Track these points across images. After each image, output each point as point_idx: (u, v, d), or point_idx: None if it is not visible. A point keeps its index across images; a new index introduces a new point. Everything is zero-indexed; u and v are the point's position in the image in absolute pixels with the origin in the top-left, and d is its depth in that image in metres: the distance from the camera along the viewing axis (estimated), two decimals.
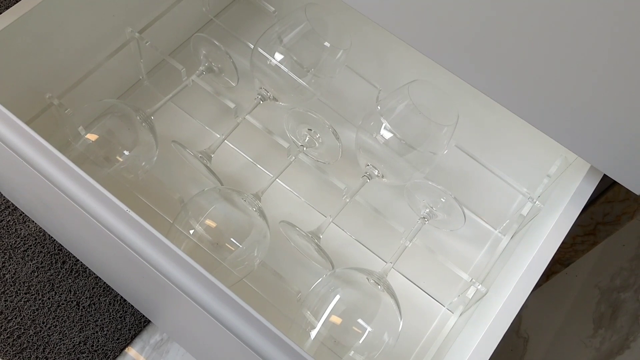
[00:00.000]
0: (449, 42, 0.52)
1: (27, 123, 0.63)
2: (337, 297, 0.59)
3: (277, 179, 0.68)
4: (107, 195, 0.48)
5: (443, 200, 0.65)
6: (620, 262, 0.93)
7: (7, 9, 0.94)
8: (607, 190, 0.66)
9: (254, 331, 0.47)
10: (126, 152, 0.65)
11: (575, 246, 0.77)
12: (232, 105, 0.67)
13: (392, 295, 0.60)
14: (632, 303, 0.90)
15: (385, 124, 0.64)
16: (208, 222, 0.60)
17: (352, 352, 0.58)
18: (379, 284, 0.60)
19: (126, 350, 0.76)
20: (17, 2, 0.61)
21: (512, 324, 0.88)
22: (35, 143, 0.49)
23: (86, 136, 0.64)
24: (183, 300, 0.49)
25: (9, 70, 0.61)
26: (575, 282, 0.92)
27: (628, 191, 0.66)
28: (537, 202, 0.64)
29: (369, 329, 0.58)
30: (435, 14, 0.51)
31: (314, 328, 0.57)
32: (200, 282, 0.48)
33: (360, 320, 0.58)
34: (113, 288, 0.77)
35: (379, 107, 0.67)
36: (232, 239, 0.61)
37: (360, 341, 0.58)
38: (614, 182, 0.64)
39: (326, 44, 0.71)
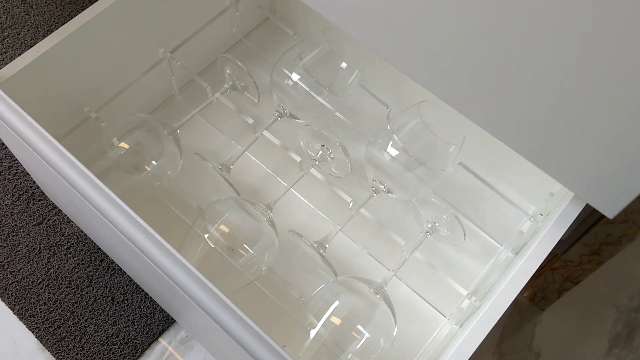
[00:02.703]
0: (442, 75, 0.55)
1: (67, 134, 0.71)
2: (338, 302, 0.63)
3: (292, 190, 0.73)
4: (123, 205, 0.53)
5: (445, 217, 0.69)
6: None
7: (50, 32, 1.03)
8: None
9: (252, 338, 0.51)
10: (153, 162, 0.71)
11: (582, 265, 0.78)
12: (250, 121, 0.72)
13: (389, 304, 0.63)
14: None
15: (394, 139, 0.68)
16: (222, 227, 0.65)
17: (350, 354, 0.62)
18: (377, 293, 0.64)
19: (159, 340, 0.82)
20: (61, 25, 0.68)
21: (524, 338, 0.90)
22: (65, 157, 0.55)
23: (119, 146, 0.70)
24: (189, 304, 0.54)
25: (53, 86, 0.68)
26: (592, 300, 0.92)
27: (627, 213, 0.67)
28: (532, 219, 0.66)
29: (366, 333, 0.62)
30: (433, 54, 0.54)
31: (314, 328, 0.61)
32: (205, 290, 0.52)
33: (358, 325, 0.62)
34: (141, 287, 0.83)
35: (389, 126, 0.70)
36: (244, 245, 0.66)
37: (358, 344, 0.62)
38: None
39: (343, 64, 0.76)
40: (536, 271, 0.54)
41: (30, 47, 0.93)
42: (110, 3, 0.66)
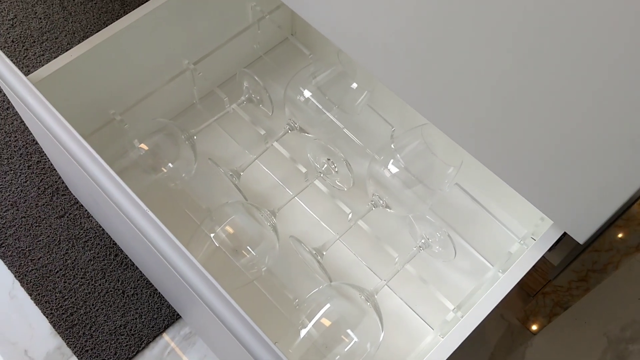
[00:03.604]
0: (434, 102, 0.60)
1: (92, 133, 0.77)
2: (330, 305, 0.67)
3: (296, 198, 0.78)
4: (138, 201, 0.58)
5: (439, 234, 0.72)
6: (633, 315, 0.96)
7: (86, 38, 1.09)
8: (595, 239, 0.70)
9: (246, 331, 0.55)
10: (170, 164, 0.76)
11: (571, 290, 0.81)
12: (263, 132, 0.77)
13: (378, 311, 0.67)
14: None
15: (396, 157, 0.72)
16: (228, 228, 0.70)
17: (337, 356, 0.65)
18: (368, 301, 0.68)
19: (163, 334, 0.86)
20: (93, 34, 0.74)
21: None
22: (89, 154, 0.60)
23: (139, 147, 0.76)
24: (194, 299, 0.58)
25: (83, 88, 0.73)
26: (585, 328, 0.95)
27: (611, 241, 0.70)
28: (522, 241, 0.70)
29: (354, 337, 0.66)
30: (426, 83, 0.59)
31: (305, 328, 0.65)
32: (206, 283, 0.56)
33: (347, 329, 0.66)
34: (151, 282, 0.88)
35: (392, 144, 0.75)
36: (247, 246, 0.70)
37: (345, 347, 0.66)
38: (601, 232, 0.69)
39: (353, 85, 0.80)
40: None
41: (66, 52, 1.00)
42: (142, 15, 0.72)
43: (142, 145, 0.75)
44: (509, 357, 0.94)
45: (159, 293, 0.87)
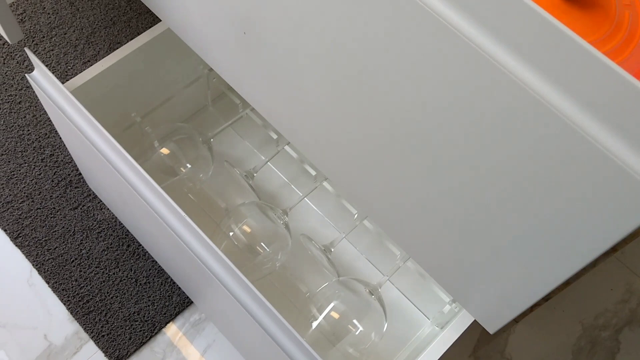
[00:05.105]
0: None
1: (117, 135, 0.82)
2: (338, 299, 0.74)
3: (305, 199, 0.84)
4: (169, 200, 0.64)
5: None
6: (606, 304, 1.05)
7: (94, 34, 1.13)
8: None
9: (268, 317, 0.61)
10: (188, 166, 0.82)
11: None
12: (275, 136, 0.83)
13: (382, 303, 0.74)
14: (611, 342, 1.02)
15: None
16: (244, 227, 0.76)
17: (345, 344, 0.73)
18: (372, 294, 0.75)
19: (170, 323, 0.92)
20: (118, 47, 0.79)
21: (498, 345, 1.01)
22: (118, 151, 0.66)
23: (159, 149, 0.81)
24: (218, 287, 0.64)
25: (109, 95, 0.78)
26: (562, 316, 1.03)
27: None
28: None
29: (360, 327, 0.73)
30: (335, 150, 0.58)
31: (316, 320, 0.72)
32: (232, 275, 0.63)
33: (353, 320, 0.73)
34: (165, 271, 0.93)
35: None
36: (261, 243, 0.77)
37: (352, 336, 0.73)
38: None
39: None
40: None
41: (74, 47, 1.04)
42: (165, 28, 0.77)
43: (163, 149, 0.81)
44: (493, 342, 1.02)
45: (170, 282, 0.93)
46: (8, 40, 0.60)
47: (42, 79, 0.68)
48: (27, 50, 0.63)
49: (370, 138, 0.50)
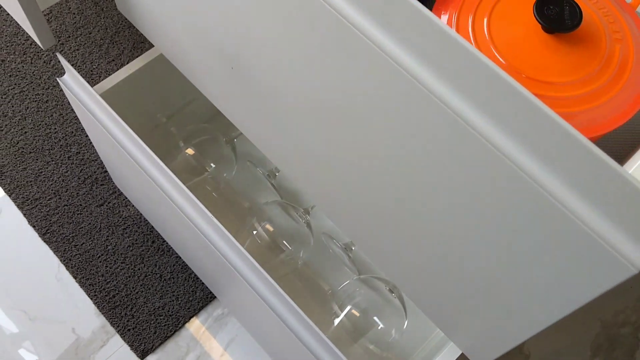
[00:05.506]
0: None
1: (143, 135, 0.84)
2: (359, 296, 0.76)
3: None
4: (196, 201, 0.66)
5: None
6: (626, 301, 1.05)
7: (117, 34, 1.15)
8: None
9: (290, 314, 0.63)
10: (212, 165, 0.84)
11: None
12: None
13: (402, 301, 0.76)
14: (631, 339, 1.02)
15: None
16: (267, 226, 0.78)
17: (366, 341, 0.74)
18: (392, 292, 0.76)
19: (194, 318, 0.94)
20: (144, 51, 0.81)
21: None
22: (146, 153, 0.68)
23: (184, 150, 0.83)
24: (242, 285, 0.66)
25: (135, 97, 0.80)
26: (581, 313, 1.04)
27: None
28: None
29: (380, 324, 0.74)
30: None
31: (338, 317, 0.74)
32: (255, 272, 0.64)
33: (374, 317, 0.75)
34: (189, 266, 0.95)
35: None
36: (284, 242, 0.78)
37: (373, 333, 0.74)
38: None
39: None
40: None
41: (99, 47, 1.06)
42: None
43: (188, 149, 0.83)
44: None
45: (194, 277, 0.95)
46: (41, 46, 0.62)
47: (72, 82, 0.70)
48: (58, 55, 0.65)
49: (357, 169, 0.50)
